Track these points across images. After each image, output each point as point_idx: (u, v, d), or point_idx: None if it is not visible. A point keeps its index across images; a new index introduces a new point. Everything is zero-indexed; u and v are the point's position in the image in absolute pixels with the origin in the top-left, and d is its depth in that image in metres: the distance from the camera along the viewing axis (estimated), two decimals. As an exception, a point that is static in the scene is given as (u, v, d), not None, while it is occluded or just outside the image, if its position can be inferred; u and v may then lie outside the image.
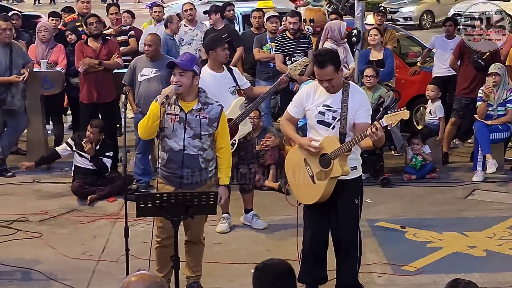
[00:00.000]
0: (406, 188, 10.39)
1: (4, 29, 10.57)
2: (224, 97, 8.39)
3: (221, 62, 8.60)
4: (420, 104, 12.61)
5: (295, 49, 11.50)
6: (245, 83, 8.83)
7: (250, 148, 8.79)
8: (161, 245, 6.91)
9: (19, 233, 8.71)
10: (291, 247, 8.24)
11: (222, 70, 8.62)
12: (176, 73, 6.59)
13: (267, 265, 4.34)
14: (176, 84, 6.56)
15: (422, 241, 8.49)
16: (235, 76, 8.66)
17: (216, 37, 8.95)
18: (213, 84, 8.32)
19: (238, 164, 8.68)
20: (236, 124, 8.53)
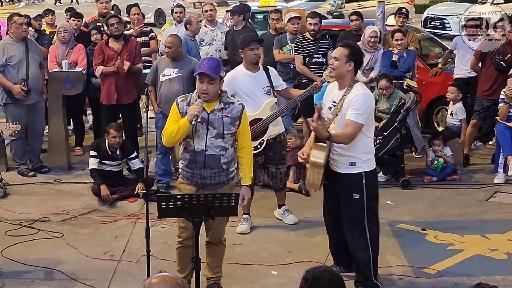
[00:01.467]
0: (427, 190, 10.34)
1: (21, 23, 10.62)
2: (256, 96, 8.49)
3: (250, 61, 8.60)
4: (441, 106, 12.55)
5: (315, 50, 11.50)
6: (281, 85, 8.82)
7: (279, 149, 8.77)
8: (183, 245, 6.92)
9: (41, 233, 8.75)
10: (312, 248, 8.28)
11: (257, 70, 8.63)
12: (205, 81, 6.56)
13: (318, 279, 4.21)
14: (204, 91, 6.55)
15: (443, 243, 8.45)
16: (271, 77, 8.66)
17: (244, 37, 8.96)
18: (247, 83, 8.46)
19: (267, 164, 8.73)
20: (265, 124, 8.56)
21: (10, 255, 8.07)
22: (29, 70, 10.61)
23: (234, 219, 8.03)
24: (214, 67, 6.60)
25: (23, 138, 10.95)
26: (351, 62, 6.91)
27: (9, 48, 10.57)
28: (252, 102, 8.55)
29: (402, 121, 10.32)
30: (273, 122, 8.61)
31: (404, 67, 11.35)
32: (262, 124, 8.55)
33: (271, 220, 9.08)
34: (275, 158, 8.75)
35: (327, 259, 7.88)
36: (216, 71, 6.57)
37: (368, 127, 6.98)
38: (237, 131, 6.78)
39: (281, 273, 7.69)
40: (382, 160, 10.47)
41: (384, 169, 10.68)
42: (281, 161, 8.82)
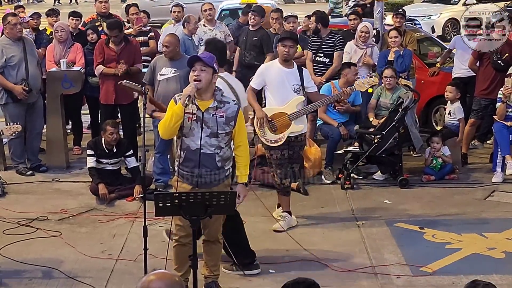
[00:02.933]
0: (425, 189, 10.34)
1: (15, 24, 10.60)
2: (284, 91, 8.65)
3: (280, 57, 8.72)
4: (439, 105, 12.57)
5: (318, 49, 11.55)
6: (312, 87, 8.86)
7: (297, 149, 8.87)
8: (180, 244, 6.93)
9: (39, 231, 8.75)
10: (310, 247, 8.28)
11: (291, 67, 8.71)
12: (197, 68, 6.61)
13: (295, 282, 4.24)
14: (197, 78, 6.57)
15: (441, 242, 8.46)
16: (303, 77, 8.70)
17: (282, 33, 9.11)
18: (277, 76, 8.67)
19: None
20: (289, 120, 8.62)
21: (9, 254, 8.08)
22: (28, 69, 10.61)
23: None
24: (207, 56, 6.71)
25: (21, 137, 10.93)
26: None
27: (7, 49, 10.56)
28: (279, 95, 8.69)
29: (401, 120, 10.34)
30: (297, 120, 8.65)
31: (401, 67, 11.37)
32: (285, 119, 8.63)
33: (269, 219, 9.06)
34: (293, 157, 8.82)
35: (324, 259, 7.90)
36: (209, 60, 6.63)
37: None
38: (233, 131, 6.79)
39: (279, 272, 7.69)
40: (380, 159, 10.51)
41: (382, 168, 10.70)
42: (297, 160, 8.95)
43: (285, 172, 8.78)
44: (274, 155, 8.79)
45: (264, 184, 10.15)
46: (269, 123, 8.74)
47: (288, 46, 8.65)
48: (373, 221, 9.10)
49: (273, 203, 9.47)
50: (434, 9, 25.13)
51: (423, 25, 22.59)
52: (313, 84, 8.94)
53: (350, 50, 11.65)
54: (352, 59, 11.55)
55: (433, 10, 25.02)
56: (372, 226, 8.96)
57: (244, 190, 7.03)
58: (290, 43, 8.67)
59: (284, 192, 8.91)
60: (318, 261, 7.89)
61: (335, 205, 9.70)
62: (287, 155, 8.76)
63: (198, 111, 6.64)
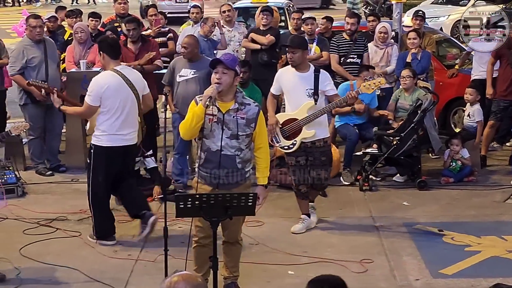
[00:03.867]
0: (444, 191, 10.31)
1: (35, 26, 10.63)
2: (297, 96, 8.59)
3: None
4: (458, 107, 12.52)
5: (351, 50, 11.53)
6: (330, 90, 8.65)
7: (318, 155, 8.68)
8: (199, 245, 6.95)
9: (58, 231, 8.81)
10: (328, 249, 8.30)
11: (306, 70, 8.61)
12: (219, 70, 6.63)
13: (320, 280, 4.24)
14: (218, 81, 6.60)
15: (460, 244, 8.44)
16: (319, 80, 8.57)
17: (289, 38, 9.12)
18: (291, 81, 8.63)
19: (309, 168, 8.71)
20: (300, 126, 8.58)
21: (28, 254, 8.14)
22: (48, 71, 10.66)
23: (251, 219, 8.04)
24: (229, 59, 6.72)
25: (41, 137, 11.02)
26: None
27: (28, 50, 10.61)
28: (293, 100, 8.67)
29: (419, 122, 10.31)
30: (308, 126, 8.58)
31: (418, 69, 11.34)
32: (296, 124, 8.59)
33: (288, 220, 9.08)
34: (315, 163, 8.70)
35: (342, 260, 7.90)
36: (231, 63, 6.65)
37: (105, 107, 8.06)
38: (254, 133, 6.80)
39: (298, 273, 7.70)
40: (399, 161, 10.49)
41: (400, 170, 10.68)
42: (321, 167, 8.71)
43: (301, 178, 8.76)
44: (289, 161, 8.80)
45: (283, 185, 10.15)
46: (280, 130, 8.73)
47: (291, 52, 8.60)
48: (391, 223, 9.09)
49: (291, 204, 9.48)
50: (442, 11, 24.96)
51: (431, 26, 22.50)
52: (331, 87, 8.71)
53: (370, 50, 11.65)
54: (373, 59, 11.58)
55: (442, 11, 24.86)
56: (390, 228, 8.95)
57: (264, 192, 7.03)
58: (291, 49, 8.60)
59: (302, 196, 8.91)
60: (336, 263, 7.89)
61: (353, 207, 9.69)
62: (303, 162, 8.68)
63: (219, 113, 6.66)
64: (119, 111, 8.18)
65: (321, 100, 8.62)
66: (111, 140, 8.22)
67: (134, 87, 8.25)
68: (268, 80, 11.98)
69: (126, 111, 8.23)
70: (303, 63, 8.62)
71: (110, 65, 8.25)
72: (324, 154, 8.73)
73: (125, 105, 8.21)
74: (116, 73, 8.19)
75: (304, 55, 8.62)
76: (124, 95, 8.20)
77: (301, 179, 8.78)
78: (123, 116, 8.21)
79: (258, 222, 8.83)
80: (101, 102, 8.13)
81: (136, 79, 8.39)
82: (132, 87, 8.23)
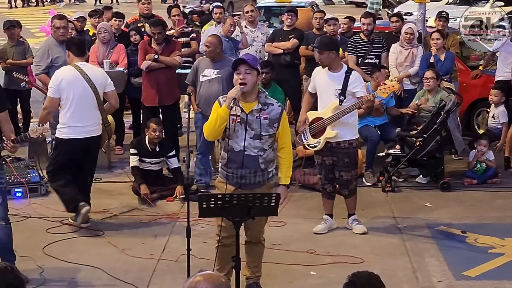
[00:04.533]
0: (467, 193, 10.26)
1: (58, 27, 10.66)
2: (326, 95, 8.62)
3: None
4: (481, 108, 12.44)
5: (369, 51, 11.49)
6: (358, 92, 8.58)
7: (341, 156, 8.64)
8: (222, 244, 6.94)
9: (81, 230, 8.83)
10: (351, 249, 8.28)
11: (338, 70, 8.60)
12: (242, 71, 6.64)
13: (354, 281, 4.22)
14: (242, 81, 6.60)
15: (484, 246, 8.40)
16: (349, 81, 8.53)
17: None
18: (321, 80, 8.66)
19: (334, 170, 8.71)
20: (324, 125, 8.59)
21: (51, 253, 8.18)
22: None
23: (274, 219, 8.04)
24: (251, 58, 6.76)
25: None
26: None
27: (53, 50, 10.64)
28: (322, 99, 8.69)
29: (443, 123, 10.26)
30: (332, 126, 8.55)
31: (442, 70, 11.29)
32: (322, 123, 8.61)
33: (310, 221, 9.07)
34: (338, 164, 8.67)
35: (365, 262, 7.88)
36: (253, 62, 6.67)
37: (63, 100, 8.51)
38: (277, 133, 6.80)
39: (320, 274, 7.69)
40: (421, 162, 10.45)
41: (423, 171, 10.64)
42: (344, 168, 8.66)
43: (326, 177, 8.76)
44: (316, 159, 8.81)
45: (305, 186, 10.14)
46: (309, 127, 8.74)
47: (318, 53, 8.69)
48: (414, 224, 9.05)
49: (313, 205, 9.49)
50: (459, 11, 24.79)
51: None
52: (361, 89, 8.61)
53: (395, 51, 11.61)
54: (398, 59, 11.56)
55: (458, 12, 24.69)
56: (413, 229, 8.91)
57: (286, 192, 7.02)
58: (318, 49, 8.72)
59: (327, 196, 8.89)
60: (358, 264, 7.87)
61: (376, 208, 9.66)
62: (329, 161, 8.67)
63: (242, 113, 6.67)
64: (74, 103, 8.60)
65: (350, 101, 8.54)
66: (71, 132, 8.64)
67: (92, 82, 8.64)
68: (291, 81, 12.08)
69: (82, 104, 8.63)
70: (334, 63, 8.60)
71: (73, 61, 8.77)
72: (348, 156, 8.67)
73: (81, 97, 8.61)
74: (75, 68, 8.67)
75: (332, 55, 8.57)
76: (80, 88, 8.62)
77: (327, 179, 8.77)
78: (80, 108, 8.61)
79: (280, 222, 8.81)
80: (60, 95, 8.63)
81: (96, 75, 8.80)
82: (90, 81, 8.63)
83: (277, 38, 12.27)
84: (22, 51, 12.22)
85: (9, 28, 12.41)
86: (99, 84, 8.75)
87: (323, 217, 8.91)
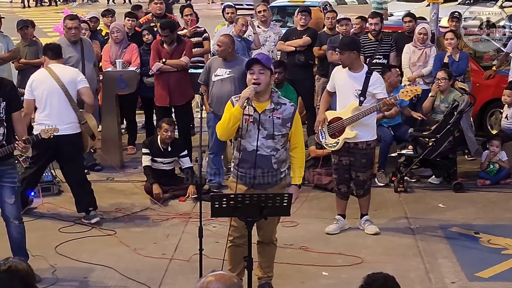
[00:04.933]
0: (480, 194, 10.23)
1: (70, 28, 10.68)
2: (346, 96, 8.60)
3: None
4: (495, 108, 12.39)
5: (376, 51, 11.46)
6: (379, 94, 8.55)
7: (359, 157, 8.61)
8: (234, 244, 6.95)
9: (94, 230, 8.86)
10: (363, 250, 8.27)
11: (358, 70, 8.58)
12: (256, 70, 6.63)
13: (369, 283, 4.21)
14: (256, 81, 6.60)
15: (497, 247, 8.37)
16: (369, 82, 8.50)
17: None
18: (342, 80, 8.65)
19: (350, 170, 8.70)
20: (343, 125, 8.58)
21: (64, 252, 8.20)
22: (84, 71, 10.70)
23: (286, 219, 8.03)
24: (264, 58, 6.73)
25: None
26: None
27: (65, 49, 10.62)
28: (342, 99, 8.68)
29: (455, 124, 10.22)
30: (351, 126, 8.54)
31: (458, 71, 11.26)
32: (341, 124, 8.59)
33: (322, 221, 9.06)
34: (355, 164, 8.65)
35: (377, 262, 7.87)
36: (266, 62, 6.66)
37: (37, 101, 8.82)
38: (289, 132, 6.80)
39: (332, 274, 7.69)
40: (434, 162, 10.42)
41: (436, 172, 10.61)
42: (361, 169, 8.64)
43: (342, 178, 8.74)
44: (332, 159, 8.80)
45: (317, 186, 10.13)
46: (327, 127, 8.73)
47: (339, 53, 8.70)
48: (427, 225, 9.03)
49: (326, 205, 9.49)
50: None
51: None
52: (381, 90, 8.58)
53: (409, 51, 11.58)
54: (411, 59, 11.53)
55: None
56: (426, 230, 8.89)
57: (297, 192, 7.00)
58: (339, 50, 8.76)
59: (341, 196, 8.87)
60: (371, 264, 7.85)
61: (388, 208, 9.64)
62: (346, 162, 8.65)
63: (255, 113, 6.67)
64: (47, 103, 8.85)
65: (370, 102, 8.53)
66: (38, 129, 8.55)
67: (60, 80, 8.84)
68: (305, 80, 12.07)
69: (54, 103, 8.84)
70: (355, 63, 8.58)
71: (48, 64, 9.08)
72: (366, 157, 8.65)
73: (50, 96, 8.85)
74: (46, 69, 9.00)
75: (353, 55, 8.55)
76: (48, 87, 8.86)
77: (342, 179, 8.76)
78: (53, 107, 8.84)
79: (293, 222, 8.81)
80: (34, 96, 8.91)
81: (64, 73, 9.00)
82: (58, 79, 8.84)
83: (291, 37, 12.25)
84: (35, 50, 12.22)
85: (22, 28, 12.43)
86: (68, 81, 8.91)
87: (336, 217, 8.90)
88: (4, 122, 7.21)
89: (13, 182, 7.35)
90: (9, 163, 7.36)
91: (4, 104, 7.19)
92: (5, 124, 7.21)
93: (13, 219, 7.39)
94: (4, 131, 7.21)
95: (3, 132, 7.21)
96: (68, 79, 8.94)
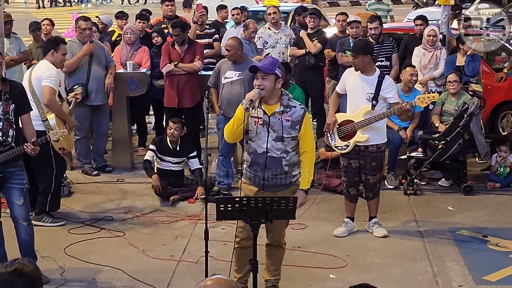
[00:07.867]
0: (490, 197, 10.20)
1: (84, 28, 10.74)
2: (358, 99, 8.59)
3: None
4: (506, 111, 12.37)
5: (378, 53, 11.45)
6: (391, 98, 8.59)
7: (369, 160, 8.62)
8: (240, 246, 6.97)
9: (103, 231, 8.89)
10: (371, 253, 8.26)
11: (371, 74, 8.59)
12: (259, 76, 6.66)
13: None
14: (259, 87, 6.63)
15: (505, 251, 8.34)
16: (382, 86, 8.52)
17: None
18: (353, 83, 8.64)
19: (360, 173, 8.70)
20: (355, 128, 8.58)
21: (73, 253, 8.23)
22: (90, 72, 10.75)
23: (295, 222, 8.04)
24: (268, 63, 6.72)
25: (87, 137, 11.14)
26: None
27: (75, 49, 10.71)
28: (352, 102, 8.67)
29: (465, 126, 10.21)
30: (363, 130, 8.54)
31: (473, 72, 11.25)
32: (352, 127, 8.59)
33: (331, 223, 9.06)
34: (365, 167, 8.66)
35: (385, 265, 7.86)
36: (269, 68, 6.66)
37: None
38: (298, 135, 6.80)
39: (339, 277, 7.68)
40: (444, 165, 10.40)
41: (446, 174, 10.59)
42: (371, 172, 8.66)
43: (352, 180, 8.74)
44: (342, 162, 8.80)
45: (326, 188, 10.12)
46: (337, 129, 8.73)
47: (353, 57, 8.70)
48: (436, 228, 9.01)
49: (335, 207, 9.49)
50: None
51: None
52: (393, 95, 8.61)
53: (419, 53, 11.59)
54: (422, 61, 11.54)
55: None
56: (434, 233, 8.88)
57: (303, 196, 6.95)
58: (352, 53, 8.75)
59: (350, 199, 8.88)
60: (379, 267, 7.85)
61: (397, 211, 9.63)
62: (356, 165, 8.66)
63: (264, 115, 6.70)
64: None
65: (382, 105, 8.55)
66: None
67: (30, 77, 8.94)
68: (315, 82, 12.08)
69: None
70: (368, 67, 8.60)
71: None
72: (376, 160, 8.67)
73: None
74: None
75: (367, 59, 8.56)
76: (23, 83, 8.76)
77: (352, 182, 8.76)
78: None
79: (301, 224, 8.83)
80: None
81: (36, 70, 9.07)
82: (29, 77, 8.96)
83: (302, 42, 12.26)
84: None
85: (34, 29, 12.50)
86: (35, 77, 8.94)
87: (344, 220, 8.90)
88: (13, 124, 7.26)
89: (22, 184, 7.39)
90: (18, 165, 7.40)
91: (14, 106, 7.25)
92: (14, 126, 7.27)
93: (22, 220, 7.43)
94: (13, 133, 7.27)
95: (12, 134, 7.26)
96: (35, 75, 8.96)
